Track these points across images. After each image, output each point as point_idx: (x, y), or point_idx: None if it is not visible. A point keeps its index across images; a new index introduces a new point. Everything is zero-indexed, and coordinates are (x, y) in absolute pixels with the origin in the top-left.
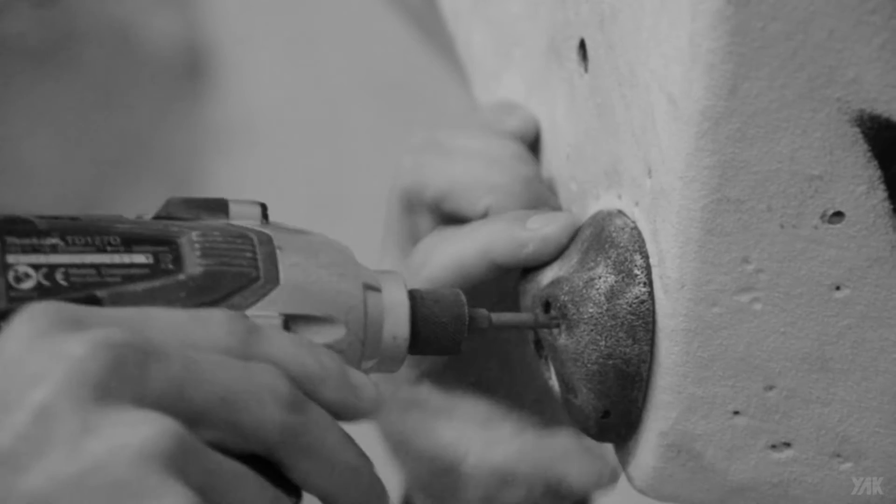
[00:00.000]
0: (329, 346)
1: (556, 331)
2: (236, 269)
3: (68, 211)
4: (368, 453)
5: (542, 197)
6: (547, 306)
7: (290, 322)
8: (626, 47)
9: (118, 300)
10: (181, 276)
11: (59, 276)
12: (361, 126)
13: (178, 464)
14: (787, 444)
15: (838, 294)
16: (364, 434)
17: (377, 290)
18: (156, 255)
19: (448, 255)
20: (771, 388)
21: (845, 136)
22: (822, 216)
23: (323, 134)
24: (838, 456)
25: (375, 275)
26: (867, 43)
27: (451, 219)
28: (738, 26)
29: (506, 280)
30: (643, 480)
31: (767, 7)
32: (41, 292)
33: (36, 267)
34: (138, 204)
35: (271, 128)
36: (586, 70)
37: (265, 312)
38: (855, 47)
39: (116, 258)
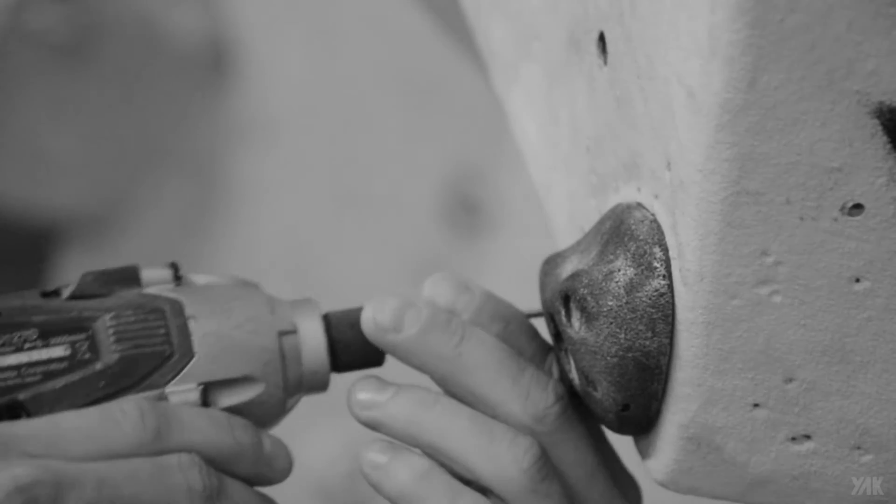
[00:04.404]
0: (249, 403)
1: (576, 324)
2: (150, 349)
3: (91, 207)
4: None
5: None
6: (566, 299)
7: (208, 389)
8: (645, 40)
9: (39, 401)
10: (98, 366)
11: None
12: (383, 119)
13: None
14: (808, 437)
15: (858, 286)
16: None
17: (292, 332)
18: (73, 346)
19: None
20: (791, 380)
21: (864, 128)
22: (842, 208)
23: (345, 128)
24: (859, 448)
25: (289, 311)
26: (886, 35)
27: None
28: (757, 19)
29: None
30: (663, 473)
31: (786, 0)
32: None
33: None
34: (161, 198)
35: (294, 122)
36: (606, 63)
37: (183, 387)
38: (874, 39)
39: (35, 355)
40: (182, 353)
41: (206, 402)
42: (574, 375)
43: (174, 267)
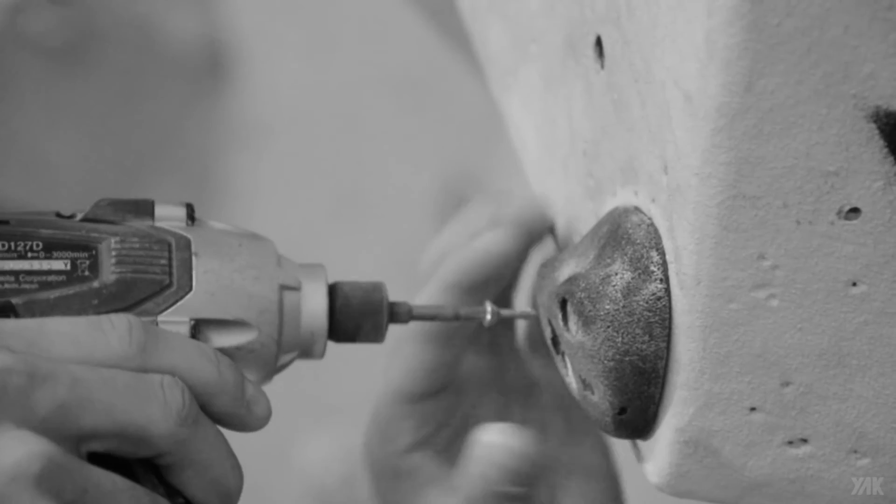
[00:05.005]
0: (240, 348)
1: (573, 327)
2: (149, 276)
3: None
4: None
5: None
6: (563, 303)
7: (200, 326)
8: (642, 43)
9: (31, 307)
10: (95, 284)
11: None
12: (380, 122)
13: (51, 483)
14: (804, 441)
15: (855, 290)
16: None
17: (295, 289)
18: (73, 262)
19: (419, 300)
20: (788, 384)
21: (861, 133)
22: (839, 212)
23: (342, 130)
24: (855, 452)
25: (297, 272)
26: (883, 39)
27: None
28: (753, 22)
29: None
30: (660, 477)
31: (783, 3)
32: None
33: None
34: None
35: (291, 124)
36: (603, 66)
37: (175, 318)
38: (870, 43)
39: (35, 264)
40: (180, 286)
41: (195, 338)
42: (571, 379)
43: (189, 207)
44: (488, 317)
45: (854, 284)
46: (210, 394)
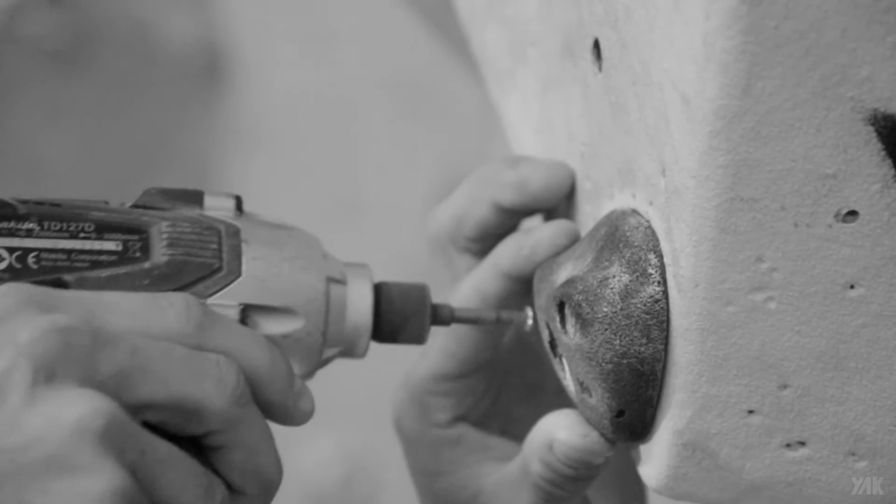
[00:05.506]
0: (287, 336)
1: (570, 330)
2: (200, 259)
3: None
4: None
5: None
6: (561, 305)
7: (248, 311)
8: (639, 46)
9: (83, 285)
10: (146, 265)
11: (30, 260)
12: (377, 125)
13: (112, 441)
14: (802, 443)
15: (852, 293)
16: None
17: (341, 282)
18: (125, 244)
19: (466, 283)
20: (785, 386)
21: (859, 135)
22: (836, 215)
23: (339, 133)
24: (853, 455)
25: (343, 268)
26: (880, 42)
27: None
28: (751, 25)
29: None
30: (658, 479)
31: (780, 6)
32: (12, 274)
33: (10, 250)
34: None
35: (287, 127)
36: (600, 69)
37: (224, 302)
38: (868, 46)
39: (87, 244)
40: (229, 271)
41: (243, 324)
42: (569, 382)
43: (238, 199)
44: (529, 321)
45: (852, 287)
46: (261, 381)
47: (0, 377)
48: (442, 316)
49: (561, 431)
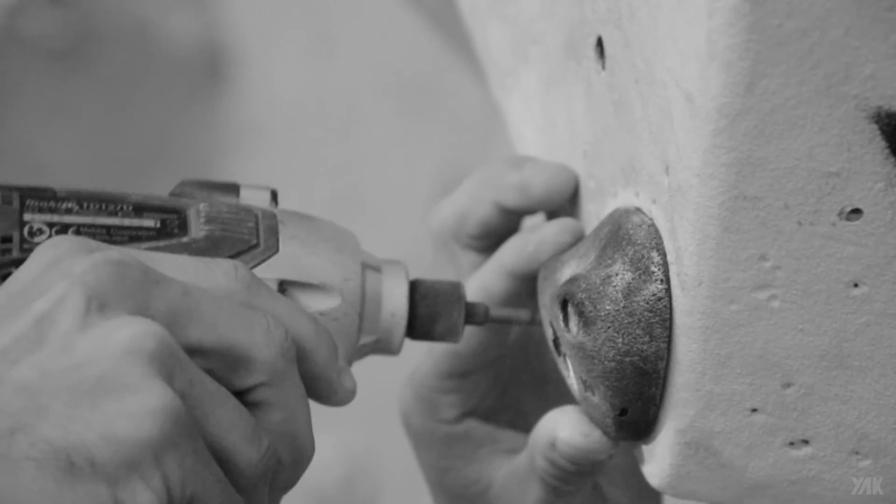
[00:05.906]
0: (324, 314)
1: (573, 328)
2: (238, 235)
3: None
4: None
5: None
6: (564, 304)
7: (286, 287)
8: (643, 44)
9: None
10: (185, 239)
11: (70, 234)
12: (379, 124)
13: (162, 363)
14: (806, 442)
15: (856, 291)
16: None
17: (377, 270)
18: (163, 221)
19: (472, 283)
20: (789, 385)
21: (862, 133)
22: (840, 213)
23: (341, 131)
24: (857, 453)
25: (379, 260)
26: (884, 40)
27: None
28: (754, 23)
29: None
30: (661, 478)
31: (784, 4)
32: None
33: (50, 224)
34: None
35: (289, 125)
36: (604, 67)
37: (262, 276)
38: (872, 44)
39: (126, 221)
40: (267, 247)
41: None
42: (572, 380)
43: (273, 192)
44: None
45: (855, 285)
46: (306, 348)
47: (54, 304)
48: (476, 315)
49: (563, 430)
